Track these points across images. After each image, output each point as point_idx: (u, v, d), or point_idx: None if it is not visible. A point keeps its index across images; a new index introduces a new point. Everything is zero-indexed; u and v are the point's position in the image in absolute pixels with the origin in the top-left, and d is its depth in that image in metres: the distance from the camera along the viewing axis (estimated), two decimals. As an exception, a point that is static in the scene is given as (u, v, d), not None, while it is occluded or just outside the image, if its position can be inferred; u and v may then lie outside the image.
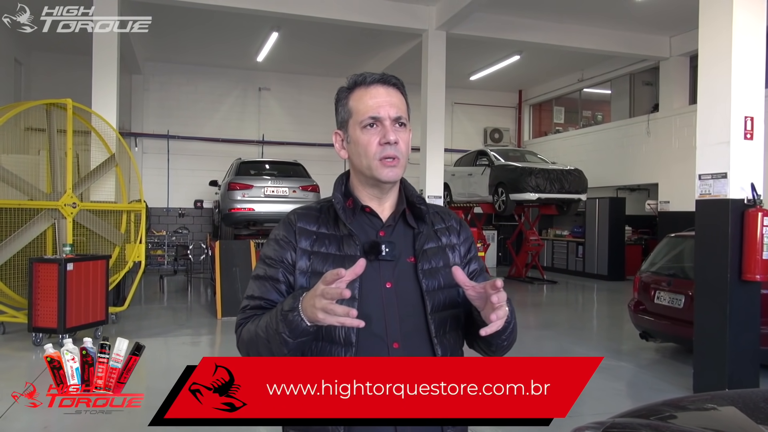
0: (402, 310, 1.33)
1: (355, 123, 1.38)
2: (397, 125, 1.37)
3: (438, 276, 1.40)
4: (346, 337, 1.29)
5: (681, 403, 2.04)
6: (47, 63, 12.51)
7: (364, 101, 1.37)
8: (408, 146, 1.40)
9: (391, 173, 1.35)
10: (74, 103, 7.09)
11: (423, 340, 1.33)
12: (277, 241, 1.41)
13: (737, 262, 4.70)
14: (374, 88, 1.38)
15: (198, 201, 13.96)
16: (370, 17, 9.83)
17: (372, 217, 1.41)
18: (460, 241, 1.49)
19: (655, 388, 5.16)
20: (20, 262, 6.58)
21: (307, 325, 1.18)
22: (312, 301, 1.15)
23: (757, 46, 4.81)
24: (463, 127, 16.16)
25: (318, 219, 1.41)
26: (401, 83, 1.42)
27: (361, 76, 1.40)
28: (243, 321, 1.39)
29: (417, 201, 1.44)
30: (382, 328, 1.31)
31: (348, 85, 1.42)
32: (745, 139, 4.76)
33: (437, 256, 1.42)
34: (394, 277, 1.35)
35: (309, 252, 1.37)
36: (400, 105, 1.39)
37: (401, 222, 1.43)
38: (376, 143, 1.35)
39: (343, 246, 1.36)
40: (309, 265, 1.36)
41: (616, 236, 12.81)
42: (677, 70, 11.95)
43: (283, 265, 1.38)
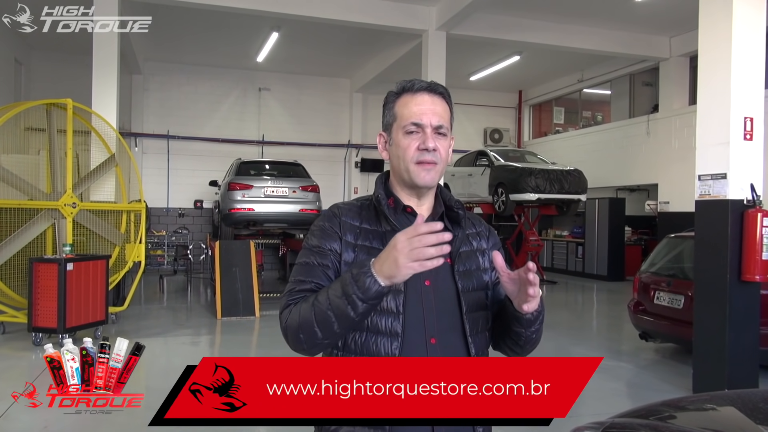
0: (439, 308, 1.38)
1: (398, 127, 1.43)
2: (438, 134, 1.41)
3: (472, 278, 1.46)
4: (392, 328, 1.32)
5: (680, 404, 2.04)
6: (47, 63, 12.51)
7: (409, 107, 1.42)
8: (447, 154, 1.46)
9: (427, 177, 1.40)
10: (74, 103, 7.09)
11: (458, 338, 1.39)
12: (322, 230, 1.43)
13: (737, 262, 4.70)
14: (420, 95, 1.43)
15: (198, 201, 13.97)
16: (370, 17, 9.83)
17: (412, 218, 1.43)
18: (489, 246, 1.56)
19: (655, 388, 5.16)
20: (20, 261, 6.58)
21: (381, 286, 1.20)
22: (394, 255, 1.17)
23: (757, 46, 4.82)
24: (463, 127, 16.16)
25: (360, 214, 1.45)
26: (447, 93, 1.47)
27: (410, 82, 1.45)
28: (291, 301, 1.38)
29: (455, 206, 1.49)
30: (421, 322, 1.35)
31: (396, 90, 1.47)
32: (745, 139, 4.77)
33: (470, 259, 1.48)
34: (432, 275, 1.38)
35: (353, 245, 1.40)
36: (443, 114, 1.43)
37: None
38: (414, 148, 1.40)
39: (386, 242, 1.34)
40: (354, 258, 1.39)
41: (616, 237, 12.81)
42: (677, 71, 11.95)
43: (331, 253, 1.40)
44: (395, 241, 1.19)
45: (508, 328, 1.45)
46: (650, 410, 1.86)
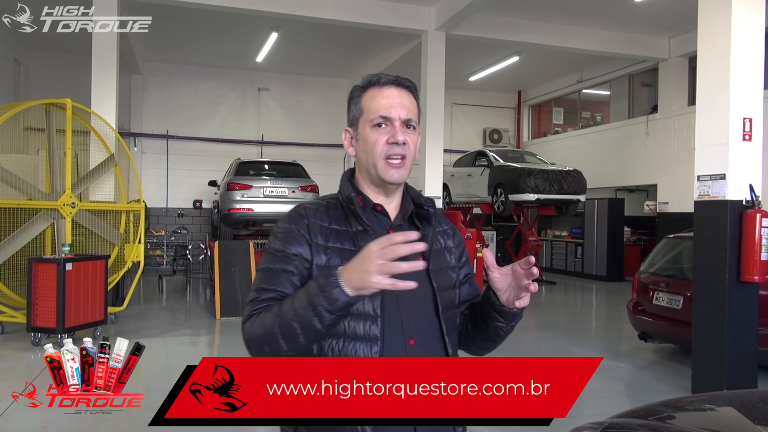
0: (416, 308, 1.36)
1: (365, 121, 1.40)
2: (406, 127, 1.39)
3: (443, 277, 1.44)
4: (370, 332, 1.29)
5: (679, 404, 2.04)
6: (46, 63, 12.50)
7: (377, 101, 1.39)
8: (416, 148, 1.42)
9: (396, 174, 1.37)
10: (73, 103, 7.08)
11: (436, 338, 1.37)
12: (287, 233, 1.37)
13: (736, 263, 4.70)
14: (387, 88, 1.40)
15: (197, 201, 13.95)
16: (369, 18, 9.83)
17: (381, 216, 1.42)
18: (455, 245, 1.53)
19: (654, 388, 5.17)
20: (19, 261, 6.58)
21: (348, 296, 1.16)
22: (364, 266, 1.13)
23: (756, 47, 4.82)
24: (462, 127, 16.17)
25: (328, 214, 1.40)
26: (414, 87, 1.44)
27: (376, 76, 1.42)
28: (255, 312, 1.31)
29: (425, 203, 1.46)
30: (399, 324, 1.32)
31: (362, 84, 1.44)
32: (744, 140, 4.77)
33: (441, 257, 1.46)
34: (408, 275, 1.33)
35: (325, 247, 1.35)
36: (411, 108, 1.41)
37: (407, 222, 1.45)
38: (383, 142, 1.37)
39: (358, 241, 1.34)
40: (326, 261, 1.33)
41: (615, 237, 12.82)
42: (676, 72, 11.96)
43: (297, 258, 1.34)
44: (367, 251, 1.14)
45: (485, 324, 1.43)
46: (649, 410, 1.86)
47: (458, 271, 1.51)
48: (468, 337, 1.50)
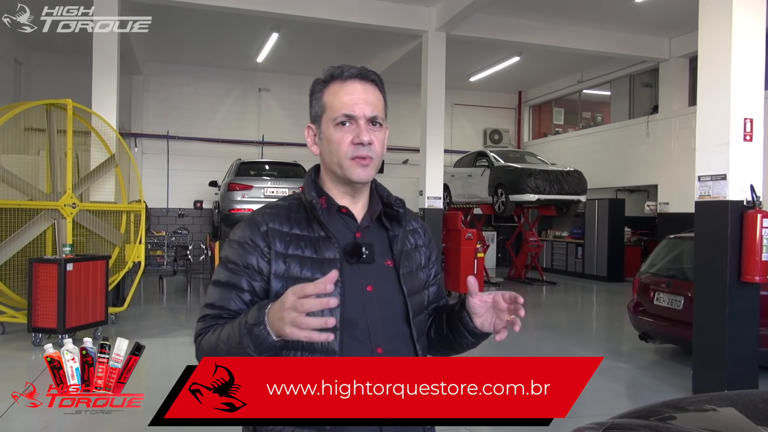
0: (383, 314, 1.29)
1: (328, 119, 1.32)
2: (372, 125, 1.31)
3: (414, 279, 1.38)
4: (328, 345, 1.21)
5: (680, 404, 2.04)
6: (47, 63, 12.51)
7: (340, 97, 1.30)
8: (383, 146, 1.34)
9: (363, 173, 1.30)
10: (74, 104, 7.08)
11: (406, 344, 1.31)
12: (241, 244, 1.29)
13: (736, 263, 4.70)
14: (351, 83, 1.31)
15: (198, 201, 13.96)
16: (370, 18, 9.83)
17: (347, 218, 1.34)
18: (424, 243, 1.47)
19: (655, 389, 5.16)
20: (20, 262, 6.58)
21: (273, 340, 1.11)
22: (280, 314, 1.08)
23: (756, 47, 4.82)
24: (462, 128, 16.17)
25: (289, 218, 1.31)
26: (380, 79, 1.36)
27: (338, 68, 1.33)
28: (203, 330, 1.27)
29: (395, 204, 1.39)
30: (365, 332, 1.26)
31: (324, 78, 1.35)
32: (745, 140, 4.77)
33: (410, 258, 1.40)
34: (374, 280, 1.30)
35: (284, 255, 1.27)
36: (377, 103, 1.32)
37: (375, 223, 1.38)
38: (348, 142, 1.29)
39: (321, 248, 1.28)
40: (285, 270, 1.26)
41: (616, 237, 12.82)
42: (677, 72, 11.96)
43: (247, 272, 1.28)
44: (284, 298, 1.08)
45: (452, 336, 1.38)
46: (650, 411, 1.86)
47: (428, 271, 1.45)
48: (429, 341, 1.44)
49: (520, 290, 11.54)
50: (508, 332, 1.26)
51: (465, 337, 1.35)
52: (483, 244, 11.13)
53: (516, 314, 1.24)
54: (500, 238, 15.59)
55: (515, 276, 13.02)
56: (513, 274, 13.14)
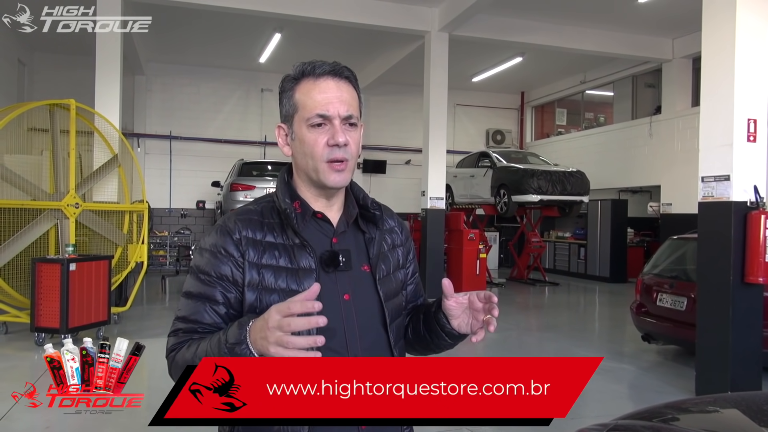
0: (361, 323, 1.25)
1: (301, 119, 1.26)
2: (347, 125, 1.25)
3: (390, 283, 1.34)
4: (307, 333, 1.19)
5: (683, 406, 2.03)
6: (50, 64, 12.55)
7: (312, 96, 1.25)
8: (358, 146, 1.28)
9: (338, 178, 1.25)
10: (77, 104, 7.10)
11: (384, 352, 1.28)
12: (213, 254, 1.23)
13: (740, 264, 4.68)
14: (324, 80, 1.25)
15: (200, 202, 13.97)
16: (372, 19, 9.83)
17: (323, 223, 1.29)
18: (401, 242, 1.43)
19: (657, 390, 5.15)
20: (23, 262, 6.60)
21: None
22: (263, 333, 1.05)
23: (760, 47, 4.80)
24: (465, 128, 16.16)
25: (262, 224, 1.25)
26: (354, 76, 1.30)
27: (310, 65, 1.28)
28: (176, 346, 1.23)
29: (371, 206, 1.34)
30: (342, 343, 1.23)
31: (294, 74, 1.29)
32: (749, 141, 4.75)
33: (387, 260, 1.35)
34: (351, 287, 1.26)
35: (258, 265, 1.22)
36: (352, 102, 1.26)
37: (352, 226, 1.33)
38: (323, 143, 1.23)
39: (296, 257, 1.23)
40: (259, 280, 1.21)
41: (618, 238, 12.79)
42: (680, 72, 11.93)
43: (221, 283, 1.22)
44: (268, 316, 1.04)
45: (429, 337, 1.35)
46: (653, 412, 1.85)
47: (405, 270, 1.42)
48: (406, 341, 1.42)
49: (523, 291, 11.57)
50: (485, 333, 1.24)
51: (442, 338, 1.32)
52: (485, 245, 11.13)
53: (491, 314, 1.20)
54: (503, 238, 15.58)
55: (518, 277, 13.00)
56: (515, 275, 13.12)
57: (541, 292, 11.58)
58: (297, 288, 1.20)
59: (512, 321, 8.82)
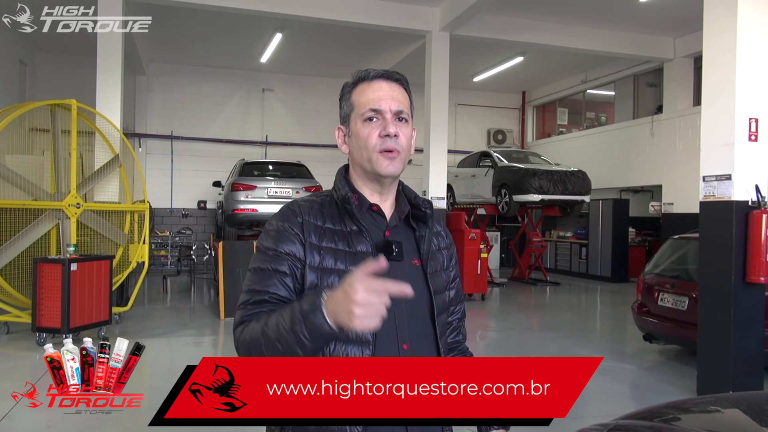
0: (410, 312, 1.33)
1: (356, 116, 1.37)
2: (398, 120, 1.35)
3: (440, 279, 1.43)
4: (362, 336, 1.25)
5: (685, 406, 2.03)
6: (52, 64, 12.56)
7: (366, 95, 1.36)
8: (409, 141, 1.38)
9: (390, 166, 1.34)
10: (78, 104, 7.11)
11: (429, 343, 1.35)
12: (279, 232, 1.33)
13: (741, 264, 4.68)
14: (377, 82, 1.37)
15: (201, 202, 13.98)
16: (373, 18, 9.83)
17: (377, 216, 1.39)
18: (447, 246, 1.52)
19: (659, 390, 5.14)
20: (24, 262, 6.61)
21: (330, 329, 1.10)
22: (347, 306, 1.06)
23: (762, 46, 4.80)
24: (466, 128, 16.15)
25: (322, 213, 1.36)
26: (405, 79, 1.41)
27: (364, 71, 1.40)
28: (246, 318, 1.27)
29: (423, 205, 1.43)
30: (392, 329, 1.29)
31: (352, 81, 1.41)
32: (750, 140, 4.75)
33: (436, 259, 1.45)
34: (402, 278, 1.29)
35: (318, 247, 1.31)
36: (403, 100, 1.37)
37: (403, 223, 1.43)
38: (376, 135, 1.34)
39: (353, 242, 1.32)
40: (320, 261, 1.30)
41: (620, 238, 12.78)
42: (681, 72, 11.91)
43: (289, 258, 1.31)
44: (353, 291, 1.05)
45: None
46: (654, 412, 1.85)
47: (449, 273, 1.50)
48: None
49: (524, 291, 11.56)
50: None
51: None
52: (486, 245, 11.11)
53: None
54: (504, 238, 15.57)
55: (519, 276, 12.99)
56: (517, 275, 13.11)
57: (543, 292, 11.58)
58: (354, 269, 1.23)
59: (513, 321, 8.81)
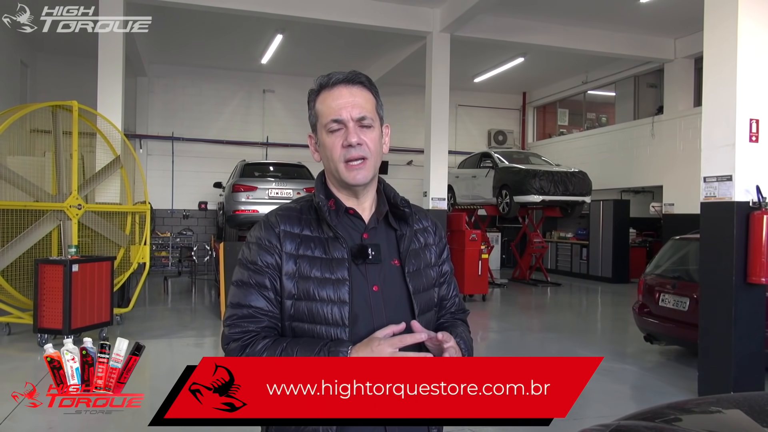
0: (389, 314, 1.33)
1: (321, 127, 1.37)
2: (362, 126, 1.35)
3: (421, 277, 1.42)
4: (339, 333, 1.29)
5: (686, 406, 2.03)
6: (53, 65, 12.58)
7: (327, 103, 1.36)
8: (377, 144, 1.38)
9: (358, 175, 1.35)
10: (80, 105, 7.12)
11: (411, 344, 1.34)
12: (260, 245, 1.35)
13: (742, 264, 4.67)
14: (337, 89, 1.36)
15: (202, 203, 13.97)
16: (374, 19, 9.83)
17: (355, 219, 1.40)
18: (436, 242, 1.51)
19: (660, 391, 5.14)
20: (26, 263, 6.61)
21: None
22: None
23: (762, 47, 4.79)
24: (467, 129, 16.15)
25: (300, 220, 1.38)
26: (368, 80, 1.40)
27: (326, 77, 1.39)
28: (236, 336, 1.30)
29: (401, 204, 1.43)
30: (371, 331, 1.28)
31: (315, 87, 1.40)
32: (751, 141, 4.74)
33: (418, 256, 1.44)
34: (380, 280, 1.35)
35: (295, 256, 1.33)
36: (365, 104, 1.36)
37: (383, 223, 1.43)
38: (339, 145, 1.34)
39: (330, 248, 1.34)
40: (296, 270, 1.32)
41: (621, 239, 12.77)
42: (682, 72, 11.90)
43: (269, 271, 1.34)
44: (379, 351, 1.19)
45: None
46: (656, 413, 1.85)
47: (438, 269, 1.49)
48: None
49: (525, 291, 11.55)
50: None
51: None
52: (487, 246, 11.11)
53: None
54: (504, 239, 15.56)
55: (520, 277, 12.98)
56: (517, 276, 13.10)
57: (543, 293, 11.56)
58: (330, 276, 1.31)
59: (514, 321, 8.81)
